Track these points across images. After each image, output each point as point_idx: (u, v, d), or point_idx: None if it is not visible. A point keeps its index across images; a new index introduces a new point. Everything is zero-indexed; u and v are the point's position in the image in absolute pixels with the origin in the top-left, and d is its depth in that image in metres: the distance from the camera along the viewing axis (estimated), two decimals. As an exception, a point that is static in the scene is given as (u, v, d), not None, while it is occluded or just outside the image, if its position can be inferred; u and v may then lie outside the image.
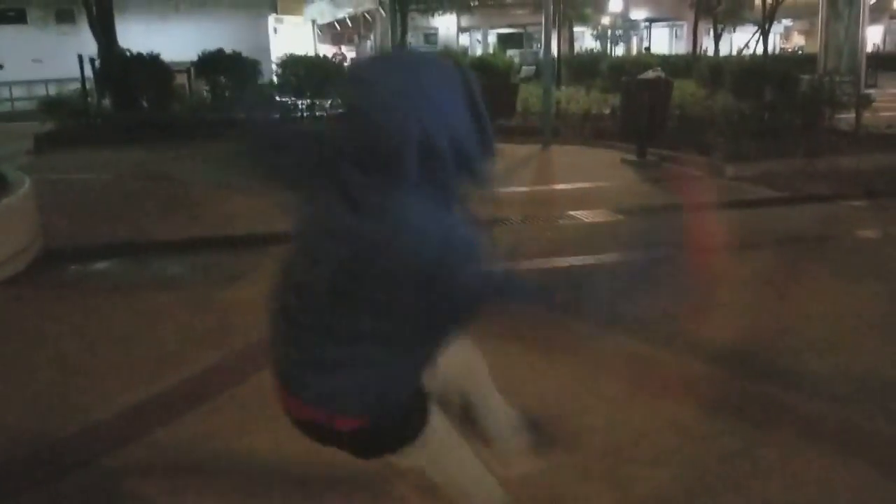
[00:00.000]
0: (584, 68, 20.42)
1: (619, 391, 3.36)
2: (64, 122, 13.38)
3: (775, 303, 4.66)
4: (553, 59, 15.38)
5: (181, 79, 14.40)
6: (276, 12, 26.48)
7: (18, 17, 21.25)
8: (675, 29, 43.56)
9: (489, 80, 15.50)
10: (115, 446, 2.94)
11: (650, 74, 10.35)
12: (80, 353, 3.89)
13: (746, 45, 28.77)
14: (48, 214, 6.25)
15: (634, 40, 44.85)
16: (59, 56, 17.72)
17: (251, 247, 5.87)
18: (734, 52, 29.46)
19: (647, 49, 38.26)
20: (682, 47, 38.62)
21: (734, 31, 34.66)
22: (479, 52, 36.09)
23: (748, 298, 4.64)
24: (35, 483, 2.75)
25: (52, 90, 17.63)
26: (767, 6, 25.32)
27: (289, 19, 26.67)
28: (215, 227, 6.62)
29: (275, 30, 25.81)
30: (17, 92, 18.60)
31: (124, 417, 3.18)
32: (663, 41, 43.23)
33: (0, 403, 3.35)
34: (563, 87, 17.44)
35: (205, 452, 2.94)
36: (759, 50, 25.65)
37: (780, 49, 40.74)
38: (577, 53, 26.22)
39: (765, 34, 25.49)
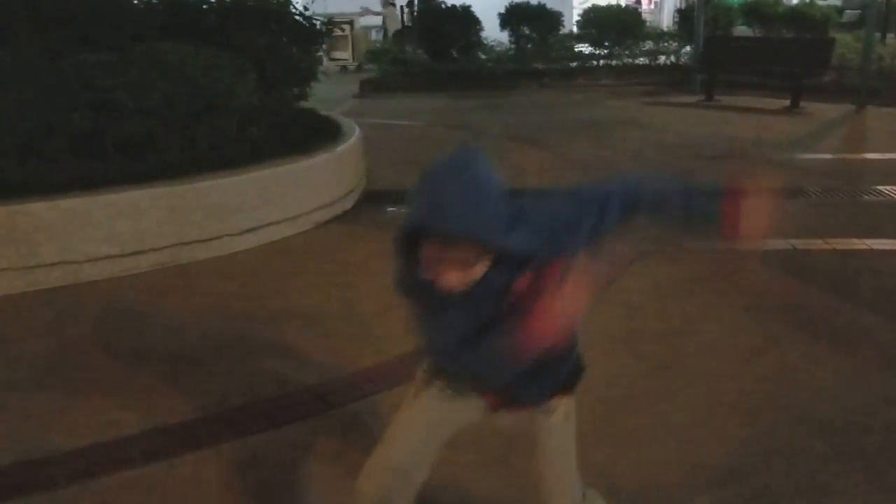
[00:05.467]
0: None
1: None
2: (385, 68, 14.76)
3: None
4: (882, 3, 13.88)
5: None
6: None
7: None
8: None
9: (801, 32, 14.47)
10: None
11: None
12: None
13: None
14: (370, 158, 7.06)
15: None
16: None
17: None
18: None
19: None
20: None
21: None
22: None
23: None
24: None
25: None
26: None
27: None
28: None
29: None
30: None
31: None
32: None
33: (325, 324, 4.08)
34: (889, 39, 15.64)
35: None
36: None
37: None
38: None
39: None
